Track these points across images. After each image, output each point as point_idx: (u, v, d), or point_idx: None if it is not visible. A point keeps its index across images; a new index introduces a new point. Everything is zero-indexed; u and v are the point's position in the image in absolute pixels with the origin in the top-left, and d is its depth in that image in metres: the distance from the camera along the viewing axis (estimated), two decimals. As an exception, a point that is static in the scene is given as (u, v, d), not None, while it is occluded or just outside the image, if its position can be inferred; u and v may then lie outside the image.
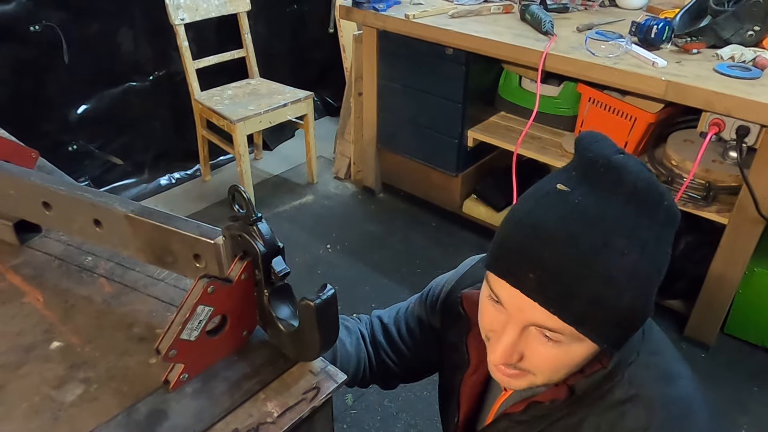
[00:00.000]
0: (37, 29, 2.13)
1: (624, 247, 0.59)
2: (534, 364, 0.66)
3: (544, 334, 0.63)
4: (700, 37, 1.75)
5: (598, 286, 0.59)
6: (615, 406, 0.67)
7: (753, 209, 1.61)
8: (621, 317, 0.61)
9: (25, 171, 0.86)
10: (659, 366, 0.71)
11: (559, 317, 0.60)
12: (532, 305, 0.61)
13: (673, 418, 0.66)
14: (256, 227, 0.67)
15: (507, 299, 0.64)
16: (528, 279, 0.61)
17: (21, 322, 0.77)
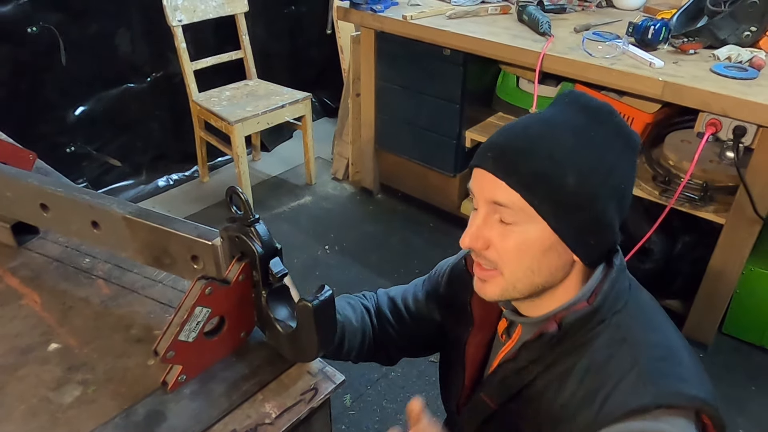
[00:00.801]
0: (34, 31, 2.13)
1: (569, 137, 0.71)
2: (498, 251, 0.73)
3: (503, 221, 0.72)
4: (697, 38, 1.76)
5: (541, 161, 0.70)
6: (603, 349, 0.72)
7: (750, 209, 1.62)
8: (568, 200, 0.70)
9: (22, 173, 0.86)
10: (645, 316, 0.76)
11: (508, 183, 0.70)
12: (490, 181, 0.72)
13: (658, 358, 0.71)
14: (254, 228, 0.67)
15: (474, 184, 0.75)
16: (487, 158, 0.73)
17: (19, 324, 0.77)
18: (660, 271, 1.99)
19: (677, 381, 0.69)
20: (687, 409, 0.68)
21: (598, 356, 0.72)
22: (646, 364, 0.69)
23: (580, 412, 0.70)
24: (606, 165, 0.71)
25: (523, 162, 0.70)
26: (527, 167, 0.70)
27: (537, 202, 0.69)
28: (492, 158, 0.72)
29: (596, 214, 0.71)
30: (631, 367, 0.69)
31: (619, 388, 0.68)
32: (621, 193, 0.73)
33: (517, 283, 0.74)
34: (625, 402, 0.67)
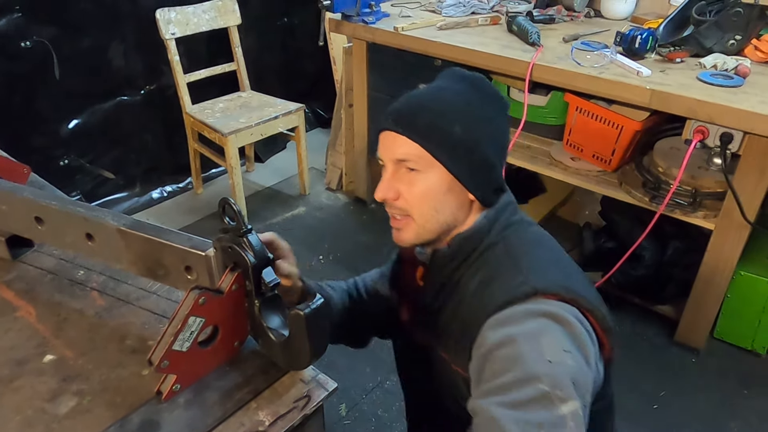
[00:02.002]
0: (28, 45, 2.14)
1: (454, 97, 0.87)
2: (406, 199, 0.85)
3: (407, 167, 0.85)
4: (684, 47, 1.79)
5: (432, 115, 0.85)
6: (492, 264, 0.84)
7: (738, 214, 1.64)
8: (458, 145, 0.84)
9: (17, 186, 0.87)
10: (533, 238, 0.88)
11: (408, 136, 0.84)
12: (392, 139, 0.86)
13: (539, 263, 0.82)
14: (246, 239, 0.68)
15: (380, 150, 0.89)
16: (388, 121, 0.87)
17: (14, 336, 0.77)
18: (651, 277, 2.01)
19: (555, 277, 0.78)
20: (566, 299, 0.75)
21: (487, 270, 0.84)
22: (526, 265, 0.80)
23: (475, 317, 0.78)
24: (485, 117, 0.87)
25: (417, 118, 0.85)
26: (421, 121, 0.85)
27: (433, 148, 0.83)
28: (392, 119, 0.87)
29: (482, 156, 0.85)
30: (513, 268, 0.80)
31: (502, 285, 0.79)
32: (499, 141, 0.89)
33: (426, 224, 0.86)
34: (507, 292, 0.76)
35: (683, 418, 1.72)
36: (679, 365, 1.89)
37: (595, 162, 2.04)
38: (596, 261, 2.14)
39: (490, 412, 0.67)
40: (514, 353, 0.70)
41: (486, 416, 0.67)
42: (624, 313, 2.08)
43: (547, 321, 0.72)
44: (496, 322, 0.74)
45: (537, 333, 0.71)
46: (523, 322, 0.72)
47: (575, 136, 2.07)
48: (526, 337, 0.71)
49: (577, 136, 2.07)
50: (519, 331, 0.71)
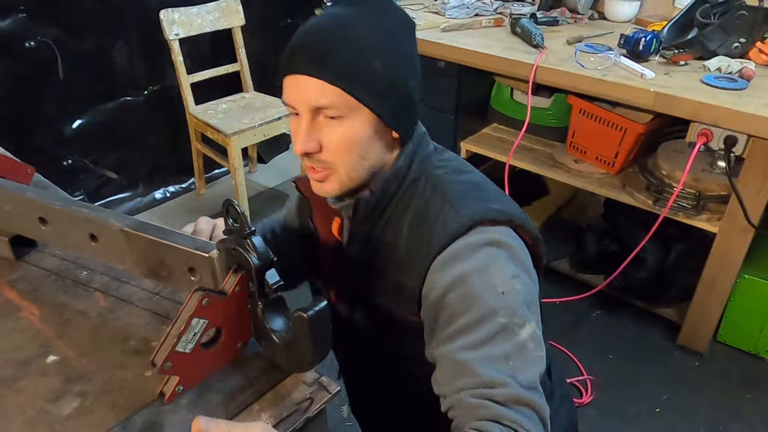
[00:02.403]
0: (32, 45, 2.15)
1: (364, 28, 0.76)
2: (329, 149, 0.78)
3: (328, 116, 0.76)
4: (688, 49, 1.78)
5: (350, 52, 0.74)
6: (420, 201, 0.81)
7: (742, 217, 1.64)
8: (381, 84, 0.76)
9: (21, 187, 0.87)
10: (450, 165, 0.85)
11: (326, 80, 0.74)
12: (306, 84, 0.75)
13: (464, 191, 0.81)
14: (250, 240, 0.68)
15: (291, 94, 0.77)
16: (297, 63, 0.75)
17: (17, 336, 0.77)
18: (654, 280, 2.01)
19: (485, 202, 0.79)
20: (500, 222, 0.77)
21: (416, 208, 0.81)
22: (455, 197, 0.79)
23: (416, 260, 0.78)
24: (401, 47, 0.79)
25: (334, 57, 0.74)
26: (338, 60, 0.74)
27: (356, 90, 0.75)
28: (303, 61, 0.75)
29: (404, 90, 0.78)
30: (443, 203, 0.79)
31: (438, 222, 0.77)
32: (417, 71, 0.81)
33: (351, 173, 0.80)
34: (446, 230, 0.76)
35: (686, 422, 1.72)
36: (682, 369, 1.88)
37: (598, 164, 2.04)
38: (599, 263, 2.13)
39: (455, 357, 0.72)
40: (467, 293, 0.73)
41: (452, 362, 0.72)
42: (626, 316, 2.07)
43: (491, 249, 0.75)
44: (442, 263, 0.75)
45: (484, 266, 0.74)
46: (469, 258, 0.74)
47: (578, 139, 2.07)
48: (475, 273, 0.73)
49: (580, 139, 2.06)
50: (467, 269, 0.74)
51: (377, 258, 0.83)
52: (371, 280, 0.84)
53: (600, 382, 1.83)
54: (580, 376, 1.85)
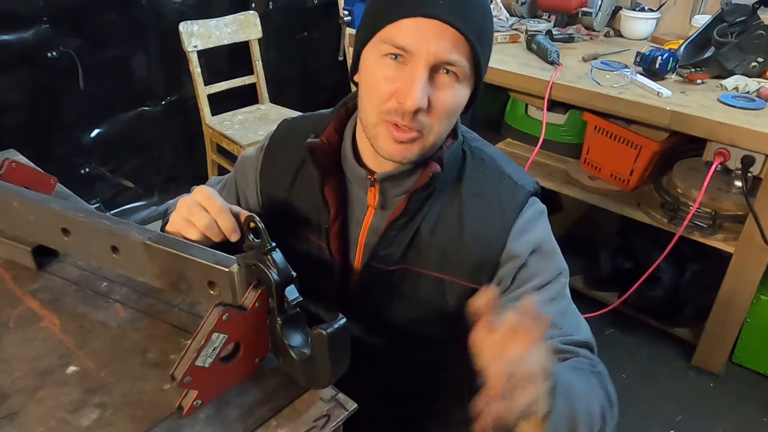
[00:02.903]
0: (54, 55, 2.18)
1: None
2: (436, 111, 0.74)
3: (446, 72, 0.72)
4: (704, 68, 1.78)
5: (481, 12, 0.72)
6: (474, 174, 0.85)
7: (759, 238, 1.62)
8: (488, 51, 0.76)
9: (44, 198, 0.88)
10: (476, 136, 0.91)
11: (465, 33, 0.69)
12: (443, 32, 0.69)
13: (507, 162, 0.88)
14: (271, 256, 0.69)
15: (415, 39, 0.70)
16: (437, 4, 0.68)
17: (38, 346, 0.78)
18: (669, 299, 1.99)
19: (524, 176, 0.87)
20: (540, 191, 0.88)
21: (474, 181, 0.84)
22: (507, 170, 0.86)
23: (487, 225, 0.83)
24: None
25: (472, 11, 0.70)
26: (476, 18, 0.70)
27: (482, 54, 0.73)
28: (448, 4, 0.68)
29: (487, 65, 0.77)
30: (501, 177, 0.85)
31: (502, 196, 0.83)
32: None
33: (437, 141, 0.78)
34: (513, 203, 0.83)
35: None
36: (696, 390, 1.86)
37: (613, 181, 2.03)
38: (613, 281, 2.12)
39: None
40: (542, 258, 0.83)
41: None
42: (640, 335, 2.06)
43: (544, 218, 0.86)
44: (516, 234, 0.82)
45: (548, 234, 0.85)
46: (535, 227, 0.84)
47: (593, 155, 2.07)
48: (544, 241, 0.84)
49: (595, 155, 2.06)
50: (537, 237, 0.83)
51: (420, 229, 0.83)
52: (411, 248, 0.84)
53: (613, 402, 1.81)
54: (592, 394, 1.83)
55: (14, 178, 0.98)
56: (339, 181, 0.88)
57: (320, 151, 0.85)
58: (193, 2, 2.53)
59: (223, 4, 2.63)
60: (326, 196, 0.86)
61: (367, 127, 0.79)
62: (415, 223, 0.83)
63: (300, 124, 0.95)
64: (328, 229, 0.87)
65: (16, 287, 0.89)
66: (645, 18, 2.19)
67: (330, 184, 0.86)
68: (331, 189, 0.86)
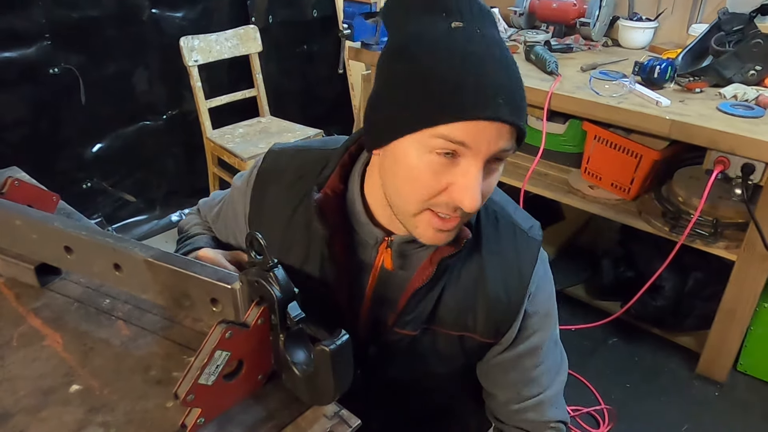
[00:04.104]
0: (56, 72, 2.20)
1: (509, 57, 0.69)
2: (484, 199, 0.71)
3: (497, 159, 0.69)
4: (703, 77, 1.79)
5: (522, 92, 0.68)
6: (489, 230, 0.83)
7: (761, 246, 1.62)
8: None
9: (47, 216, 0.89)
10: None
11: (519, 127, 0.67)
12: (500, 130, 0.66)
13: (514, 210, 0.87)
14: (273, 273, 0.69)
15: (474, 139, 0.65)
16: (499, 105, 0.64)
17: (41, 365, 0.78)
18: (672, 308, 1.99)
19: (530, 221, 0.87)
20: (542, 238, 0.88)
21: (490, 236, 0.83)
22: (517, 220, 0.85)
23: (507, 283, 0.83)
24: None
25: (520, 97, 0.67)
26: (522, 102, 0.67)
27: (524, 133, 0.69)
28: (504, 104, 0.64)
29: None
30: (514, 231, 0.84)
31: (520, 251, 0.84)
32: None
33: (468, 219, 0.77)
34: (531, 256, 0.85)
35: (706, 453, 1.69)
36: (701, 398, 1.85)
37: (613, 190, 2.03)
38: (615, 291, 2.12)
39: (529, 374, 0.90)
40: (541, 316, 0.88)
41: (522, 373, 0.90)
42: (644, 344, 2.05)
43: (548, 269, 0.89)
44: (533, 294, 0.86)
45: (551, 291, 0.89)
46: (543, 284, 0.87)
47: (593, 165, 2.07)
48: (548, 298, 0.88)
49: (595, 165, 2.07)
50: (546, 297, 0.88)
51: (443, 294, 0.82)
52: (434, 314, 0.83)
53: (617, 412, 1.80)
54: (597, 405, 1.82)
55: (17, 196, 0.98)
56: (345, 235, 0.83)
57: (327, 206, 0.80)
58: (194, 17, 2.55)
59: (224, 19, 2.65)
60: (335, 252, 0.81)
61: (404, 215, 0.74)
62: (440, 285, 0.81)
63: (291, 160, 0.88)
64: (337, 283, 0.83)
65: (19, 305, 0.89)
66: (643, 27, 2.20)
67: (338, 240, 0.81)
68: (340, 245, 0.82)
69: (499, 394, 0.93)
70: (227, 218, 0.99)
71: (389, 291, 0.84)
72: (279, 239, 0.87)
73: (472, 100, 0.64)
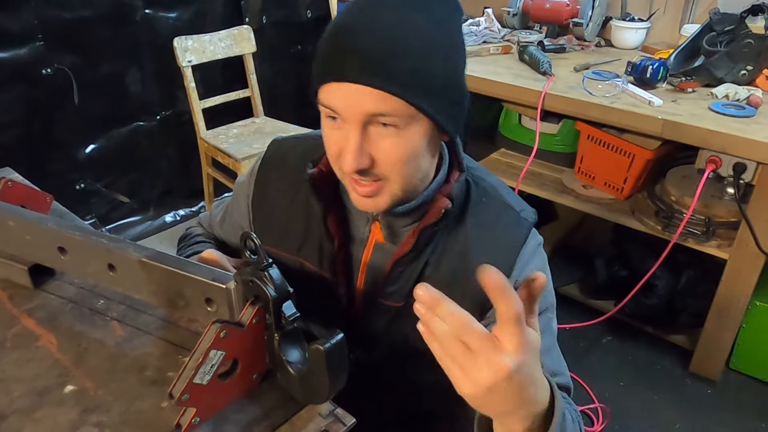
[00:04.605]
0: (49, 72, 2.19)
1: (426, 25, 0.68)
2: (385, 164, 0.72)
3: (382, 124, 0.69)
4: (695, 77, 1.80)
5: (414, 57, 0.66)
6: (478, 205, 0.83)
7: (753, 244, 1.63)
8: (441, 87, 0.69)
9: (41, 217, 0.88)
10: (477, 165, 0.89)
11: (388, 90, 0.66)
12: (361, 93, 0.66)
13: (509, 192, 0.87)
14: (268, 273, 0.69)
15: (340, 102, 0.69)
16: (350, 68, 0.66)
17: (36, 366, 0.78)
18: (665, 306, 2.00)
19: (523, 205, 0.87)
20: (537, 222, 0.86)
21: (478, 213, 0.83)
22: (510, 201, 0.85)
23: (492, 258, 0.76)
24: (457, 38, 0.71)
25: (395, 63, 0.65)
26: (401, 66, 0.66)
27: (420, 99, 0.67)
28: (355, 66, 0.66)
29: (460, 88, 0.73)
30: (504, 208, 0.84)
31: (509, 227, 0.83)
32: (465, 61, 0.75)
33: (406, 185, 0.76)
34: (520, 233, 0.83)
35: (700, 451, 1.70)
36: (694, 397, 1.87)
37: (607, 190, 2.05)
38: (609, 289, 2.13)
39: None
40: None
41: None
42: (638, 343, 2.06)
43: (541, 250, 0.86)
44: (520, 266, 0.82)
45: (544, 268, 0.85)
46: (532, 263, 0.83)
47: (587, 164, 2.08)
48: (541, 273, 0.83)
49: (588, 164, 2.08)
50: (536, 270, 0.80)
51: (428, 265, 0.83)
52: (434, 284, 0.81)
53: (611, 410, 1.81)
54: (591, 403, 1.83)
55: (10, 196, 0.98)
56: (340, 210, 0.86)
57: (321, 181, 0.83)
58: (188, 17, 2.54)
59: (217, 19, 2.65)
60: (329, 227, 0.84)
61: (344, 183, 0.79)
62: (423, 258, 0.82)
63: (292, 149, 0.93)
64: (334, 259, 0.86)
65: (12, 306, 0.89)
66: (635, 28, 2.22)
67: (332, 215, 0.84)
68: (334, 220, 0.85)
69: None
70: (233, 214, 1.01)
71: (381, 266, 0.85)
72: (281, 222, 0.90)
73: (325, 64, 0.69)
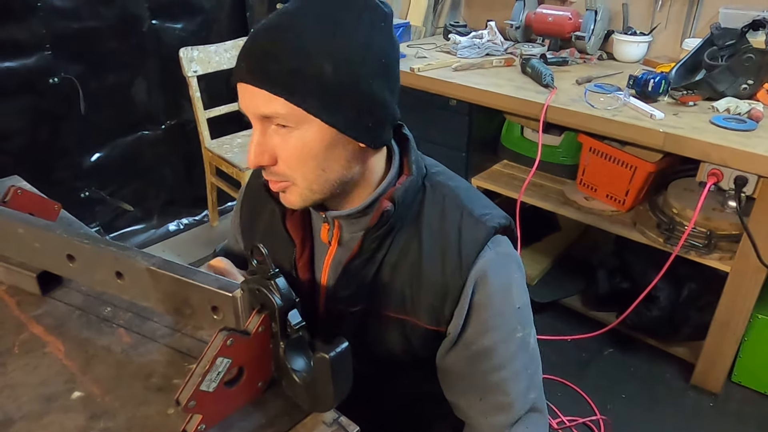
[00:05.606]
0: (56, 81, 2.22)
1: (314, 26, 0.69)
2: (285, 162, 0.74)
3: (276, 124, 0.72)
4: (696, 90, 1.82)
5: (292, 57, 0.68)
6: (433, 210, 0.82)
7: (754, 257, 1.64)
8: (332, 90, 0.69)
9: (49, 224, 0.90)
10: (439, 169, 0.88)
11: (268, 90, 0.69)
12: (251, 93, 0.71)
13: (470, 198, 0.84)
14: (274, 282, 0.70)
15: (242, 102, 0.73)
16: (241, 69, 0.71)
17: (43, 372, 0.79)
18: (666, 318, 2.00)
19: (490, 207, 0.84)
20: (509, 229, 0.84)
21: (433, 218, 0.81)
22: (469, 206, 0.82)
23: (445, 265, 0.80)
24: (359, 44, 0.70)
25: (274, 63, 0.68)
26: (279, 67, 0.68)
27: (302, 101, 0.69)
28: (245, 68, 0.70)
29: (364, 95, 0.71)
30: (461, 214, 0.81)
31: (464, 233, 0.80)
32: (384, 68, 0.73)
33: (312, 185, 0.76)
34: (477, 239, 0.79)
35: (701, 464, 1.69)
36: (696, 409, 1.86)
37: (608, 202, 2.05)
38: (611, 301, 2.13)
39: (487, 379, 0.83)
40: (492, 313, 0.81)
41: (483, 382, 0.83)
42: (639, 355, 2.06)
43: (507, 263, 0.82)
44: (475, 278, 0.79)
45: (507, 286, 0.82)
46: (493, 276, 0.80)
47: (589, 176, 2.09)
48: (499, 293, 0.81)
49: (590, 176, 2.09)
50: (492, 290, 0.80)
51: (381, 268, 0.82)
52: (373, 288, 0.83)
53: (613, 422, 1.81)
54: (592, 415, 1.83)
55: (19, 204, 0.99)
56: (303, 215, 0.89)
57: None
58: (193, 28, 2.57)
59: (223, 30, 2.67)
60: (289, 230, 0.88)
61: None
62: (375, 263, 0.82)
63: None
64: (296, 262, 0.88)
65: (20, 313, 0.90)
66: (637, 42, 2.24)
67: (292, 218, 0.87)
68: (294, 223, 0.87)
69: (460, 402, 0.88)
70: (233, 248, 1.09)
71: (339, 268, 0.86)
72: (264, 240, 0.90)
73: (234, 72, 0.73)
